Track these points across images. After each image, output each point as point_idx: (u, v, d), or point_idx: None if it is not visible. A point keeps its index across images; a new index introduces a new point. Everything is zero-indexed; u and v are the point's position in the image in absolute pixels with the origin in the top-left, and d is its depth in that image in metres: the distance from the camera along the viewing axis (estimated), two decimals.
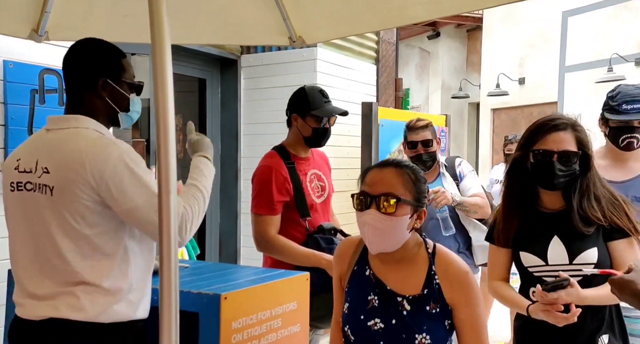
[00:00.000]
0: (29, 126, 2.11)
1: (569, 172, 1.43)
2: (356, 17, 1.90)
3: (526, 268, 1.50)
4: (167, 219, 1.14)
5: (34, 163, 1.31)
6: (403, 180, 1.24)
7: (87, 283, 1.29)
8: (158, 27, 1.10)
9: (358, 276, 1.34)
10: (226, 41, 2.96)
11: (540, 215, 1.51)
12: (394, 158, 1.35)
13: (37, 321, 1.30)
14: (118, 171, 1.26)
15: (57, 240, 1.28)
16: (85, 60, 1.37)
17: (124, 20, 1.88)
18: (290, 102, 2.10)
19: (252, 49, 3.82)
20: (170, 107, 1.11)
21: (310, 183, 2.05)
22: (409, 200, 1.23)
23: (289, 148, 2.08)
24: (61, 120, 1.37)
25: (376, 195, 1.23)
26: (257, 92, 3.79)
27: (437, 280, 1.26)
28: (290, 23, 1.92)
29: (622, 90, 1.87)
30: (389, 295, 1.28)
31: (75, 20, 1.87)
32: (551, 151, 1.43)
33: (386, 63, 4.41)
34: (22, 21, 1.80)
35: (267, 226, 1.94)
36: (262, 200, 1.95)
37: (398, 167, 1.27)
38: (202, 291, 1.45)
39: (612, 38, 8.36)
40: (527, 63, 9.90)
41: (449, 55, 11.66)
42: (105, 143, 1.29)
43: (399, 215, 1.22)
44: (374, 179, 1.26)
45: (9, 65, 2.06)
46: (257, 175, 2.03)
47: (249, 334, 1.50)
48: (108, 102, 1.37)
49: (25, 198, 1.32)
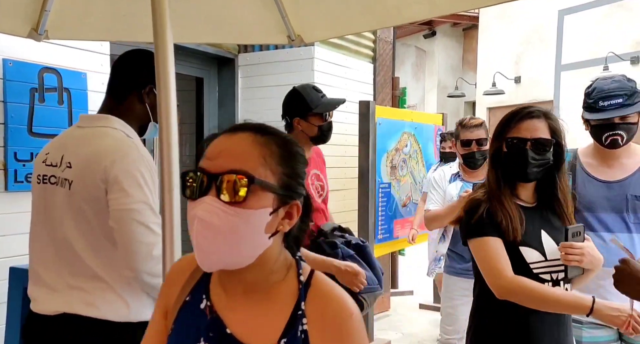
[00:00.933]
0: (29, 125, 2.11)
1: (543, 161, 1.39)
2: (354, 16, 1.91)
3: (528, 264, 1.39)
4: (169, 215, 1.15)
5: (59, 157, 1.34)
6: (263, 152, 0.78)
7: (99, 278, 1.30)
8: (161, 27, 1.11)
9: (189, 311, 0.86)
10: (225, 40, 2.97)
11: (522, 208, 1.44)
12: (256, 122, 0.84)
13: (51, 316, 1.32)
14: (130, 170, 1.27)
15: (70, 234, 1.30)
16: (140, 66, 1.42)
17: (123, 19, 1.89)
18: (288, 106, 2.08)
19: (250, 48, 3.82)
20: (173, 104, 1.12)
21: (311, 184, 2.07)
22: (270, 183, 0.77)
23: None
24: (92, 119, 1.41)
25: (216, 172, 0.76)
26: (255, 91, 3.80)
27: (305, 326, 0.80)
28: (289, 22, 1.93)
29: (597, 86, 1.78)
30: (227, 342, 0.81)
31: (74, 19, 1.88)
32: (524, 138, 1.39)
33: (383, 62, 4.43)
34: (21, 20, 1.80)
35: None
36: None
37: (259, 133, 0.80)
38: None
39: (608, 37, 8.42)
40: (523, 61, 9.95)
41: (445, 54, 11.69)
42: (127, 144, 1.32)
43: (252, 206, 0.75)
44: (217, 149, 0.79)
45: (8, 63, 2.06)
46: None
47: None
48: (147, 109, 1.41)
49: (48, 191, 1.35)
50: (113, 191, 1.27)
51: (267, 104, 3.71)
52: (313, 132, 2.05)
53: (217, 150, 0.79)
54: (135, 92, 1.40)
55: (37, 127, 2.13)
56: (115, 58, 1.50)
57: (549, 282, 1.40)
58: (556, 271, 1.41)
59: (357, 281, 1.90)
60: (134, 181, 1.27)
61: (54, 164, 1.35)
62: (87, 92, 2.32)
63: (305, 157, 0.87)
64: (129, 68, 1.42)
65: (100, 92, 2.39)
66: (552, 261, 1.41)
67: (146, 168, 1.30)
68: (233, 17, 1.98)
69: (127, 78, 1.41)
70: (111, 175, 1.26)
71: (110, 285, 1.30)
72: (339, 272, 1.89)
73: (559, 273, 1.41)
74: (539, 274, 1.39)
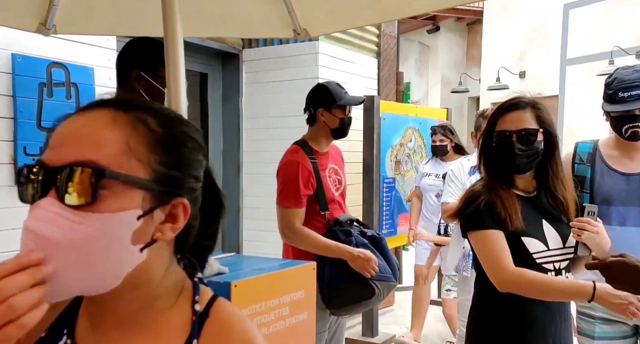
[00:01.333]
0: (38, 119, 2.13)
1: (531, 151, 1.38)
2: (359, 9, 1.91)
3: (532, 254, 1.38)
4: None
5: None
6: (126, 135, 0.57)
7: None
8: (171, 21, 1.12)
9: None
10: (231, 34, 2.98)
11: (521, 198, 1.44)
12: (123, 96, 0.64)
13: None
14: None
15: None
16: (123, 55, 1.44)
17: (130, 14, 1.90)
18: (313, 99, 2.16)
19: (254, 43, 3.83)
20: (183, 97, 1.14)
21: (329, 177, 2.12)
22: (136, 177, 0.56)
23: (311, 143, 2.14)
24: None
25: (56, 165, 0.55)
26: (259, 86, 3.81)
27: None
28: (295, 15, 1.94)
29: (618, 76, 1.72)
30: None
31: (82, 14, 1.89)
32: (509, 131, 1.39)
33: (387, 57, 4.42)
34: (30, 15, 1.81)
35: (293, 218, 2.02)
36: (289, 193, 2.02)
37: (122, 109, 0.59)
38: (213, 279, 1.48)
39: (613, 31, 8.37)
40: (527, 56, 9.90)
41: (449, 49, 11.65)
42: None
43: (107, 209, 0.55)
44: (61, 135, 0.57)
45: (17, 58, 2.08)
46: (283, 169, 2.08)
47: (259, 322, 1.53)
48: (142, 94, 1.40)
49: None
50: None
51: (272, 99, 3.73)
52: (335, 124, 2.12)
53: (60, 135, 0.57)
54: (126, 83, 1.42)
55: (46, 121, 2.15)
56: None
57: (551, 272, 1.39)
58: (559, 261, 1.41)
59: (368, 266, 1.96)
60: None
61: None
62: (95, 86, 2.34)
63: (202, 141, 0.64)
64: (119, 60, 1.44)
65: (107, 87, 2.42)
66: (554, 250, 1.41)
67: None
68: (239, 11, 1.99)
69: (119, 69, 1.43)
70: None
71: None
72: (351, 258, 1.96)
73: (562, 262, 1.42)
74: (542, 264, 1.39)
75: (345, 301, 1.98)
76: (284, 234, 2.07)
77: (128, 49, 1.43)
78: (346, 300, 1.97)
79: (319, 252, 2.01)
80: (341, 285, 1.96)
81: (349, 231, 2.05)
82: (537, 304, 1.38)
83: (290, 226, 2.03)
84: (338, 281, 1.96)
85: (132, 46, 1.44)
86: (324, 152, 2.16)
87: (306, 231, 2.03)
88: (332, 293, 1.97)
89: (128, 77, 1.40)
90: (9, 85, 2.08)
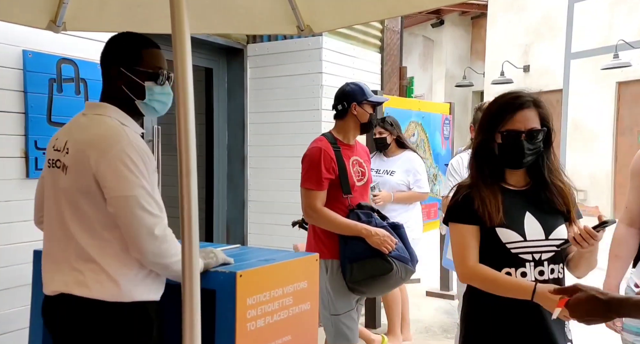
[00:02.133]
0: (48, 114, 2.18)
1: (535, 149, 1.44)
2: (363, 5, 1.94)
3: (504, 244, 1.42)
4: (187, 201, 1.20)
5: (64, 143, 1.41)
6: None
7: (93, 260, 1.35)
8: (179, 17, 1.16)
9: None
10: (236, 30, 3.01)
11: (508, 192, 1.48)
12: None
13: (52, 296, 1.40)
14: (118, 159, 1.32)
15: (67, 217, 1.37)
16: (105, 51, 1.47)
17: (138, 10, 1.94)
18: (345, 94, 2.31)
19: (258, 38, 3.86)
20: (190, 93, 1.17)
21: (352, 167, 2.26)
22: None
23: (337, 135, 2.31)
24: (93, 106, 1.47)
25: None
26: (263, 81, 3.84)
27: None
28: (299, 12, 1.97)
29: None
30: None
31: (91, 11, 1.93)
32: (519, 131, 1.42)
33: (391, 52, 4.45)
34: (40, 12, 1.85)
35: (315, 199, 2.18)
36: (311, 176, 2.19)
37: None
38: (219, 269, 1.53)
39: (618, 24, 8.32)
40: (532, 50, 9.86)
41: (453, 43, 11.61)
42: (118, 132, 1.37)
43: None
44: None
45: (28, 55, 2.13)
46: (307, 155, 2.24)
47: (263, 310, 1.58)
48: (124, 89, 1.44)
49: (55, 174, 1.42)
50: (107, 180, 1.32)
51: (276, 94, 3.76)
52: (365, 119, 2.29)
53: None
54: (109, 79, 1.45)
55: (56, 116, 2.20)
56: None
57: (530, 262, 1.43)
58: (539, 252, 1.43)
59: (385, 243, 2.11)
60: (125, 168, 1.32)
61: (59, 149, 1.42)
62: None
63: None
64: (102, 57, 1.48)
65: None
66: (532, 242, 1.43)
67: (137, 154, 1.34)
68: (243, 8, 2.02)
69: (103, 66, 1.47)
70: (102, 164, 1.32)
71: (102, 267, 1.35)
72: (368, 235, 2.12)
73: (544, 253, 1.44)
74: (518, 254, 1.42)
75: (364, 274, 2.12)
76: (306, 213, 2.23)
77: (108, 46, 1.47)
78: (365, 274, 2.12)
79: (338, 231, 2.17)
80: (361, 259, 2.12)
81: (369, 214, 2.20)
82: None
83: (312, 206, 2.18)
84: (358, 256, 2.12)
85: (111, 43, 1.47)
86: (349, 144, 2.31)
87: (326, 211, 2.18)
88: (352, 267, 2.13)
89: (110, 72, 1.44)
90: (20, 80, 2.13)
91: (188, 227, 1.19)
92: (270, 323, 1.60)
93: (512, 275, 1.43)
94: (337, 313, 2.20)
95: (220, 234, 3.91)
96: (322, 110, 3.62)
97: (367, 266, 2.11)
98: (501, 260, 1.43)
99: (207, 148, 3.89)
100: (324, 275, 2.20)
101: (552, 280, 1.44)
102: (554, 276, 1.44)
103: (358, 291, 2.22)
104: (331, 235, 2.17)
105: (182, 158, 1.20)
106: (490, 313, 1.46)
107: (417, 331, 3.71)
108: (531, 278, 1.42)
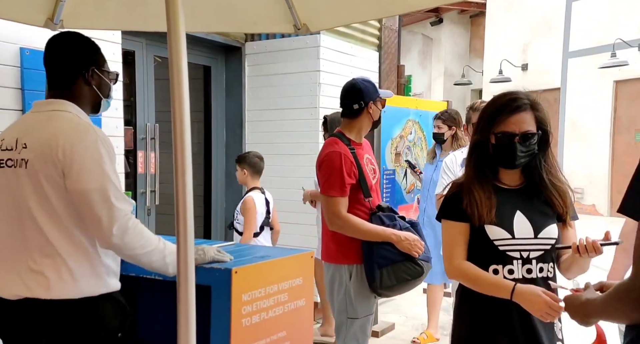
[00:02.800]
0: None
1: (529, 152, 1.45)
2: (360, 4, 1.95)
3: (492, 241, 1.44)
4: (183, 198, 1.22)
5: (14, 141, 1.41)
6: None
7: (58, 254, 1.36)
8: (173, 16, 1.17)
9: None
10: (233, 29, 3.02)
11: (501, 190, 1.50)
12: None
13: (14, 301, 1.38)
14: (89, 151, 1.35)
15: (34, 211, 1.37)
16: (76, 50, 1.48)
17: (136, 9, 1.95)
18: (361, 92, 2.19)
19: (256, 36, 3.87)
20: (185, 91, 1.19)
21: (366, 166, 2.20)
22: None
23: (348, 135, 2.22)
24: (46, 104, 1.48)
25: None
26: (261, 79, 3.85)
27: None
28: (295, 11, 1.98)
29: None
30: None
31: (89, 9, 1.94)
32: (513, 133, 1.43)
33: (388, 50, 4.45)
34: (38, 10, 1.86)
35: (340, 206, 2.09)
36: (334, 183, 2.09)
37: None
38: (214, 265, 1.55)
39: (616, 23, 8.33)
40: (530, 49, 9.87)
41: (452, 41, 11.61)
42: (84, 127, 1.40)
43: None
44: None
45: (25, 52, 2.13)
46: (326, 160, 2.14)
47: (258, 307, 1.59)
48: (94, 89, 1.49)
49: (7, 174, 1.41)
50: (74, 172, 1.33)
51: (274, 92, 3.77)
52: (377, 116, 2.26)
53: None
54: (81, 76, 1.47)
55: None
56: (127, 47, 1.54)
57: (517, 260, 1.44)
58: (527, 250, 1.45)
59: (416, 247, 2.06)
60: (94, 162, 1.34)
61: (10, 148, 1.41)
62: None
63: None
64: (68, 54, 1.48)
65: None
66: (521, 240, 1.45)
67: (105, 148, 1.38)
68: (241, 6, 2.03)
69: (70, 63, 1.47)
70: (70, 157, 1.33)
71: (65, 261, 1.36)
72: (398, 240, 2.05)
73: (532, 252, 1.45)
74: (506, 251, 1.44)
75: (396, 280, 2.05)
76: (330, 222, 2.12)
77: (80, 46, 1.49)
78: (397, 279, 2.05)
79: (366, 237, 2.09)
80: (392, 264, 2.04)
81: (392, 216, 2.14)
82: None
83: (337, 214, 2.09)
84: (388, 261, 2.04)
85: (82, 43, 1.50)
86: (359, 143, 2.25)
87: (352, 217, 2.10)
88: (382, 273, 2.05)
89: (85, 72, 1.47)
90: (17, 78, 2.13)
91: (183, 225, 1.20)
92: (265, 319, 1.62)
93: (499, 272, 1.45)
94: (357, 317, 2.14)
95: (219, 231, 3.92)
96: (319, 108, 3.63)
97: (397, 271, 2.04)
98: (489, 257, 1.46)
99: (205, 146, 3.90)
100: (346, 280, 2.11)
101: (540, 279, 1.45)
102: (542, 275, 1.46)
103: (385, 296, 2.19)
104: (354, 240, 2.10)
105: (177, 157, 1.21)
106: (480, 309, 1.48)
107: (413, 327, 3.73)
108: (518, 276, 1.44)
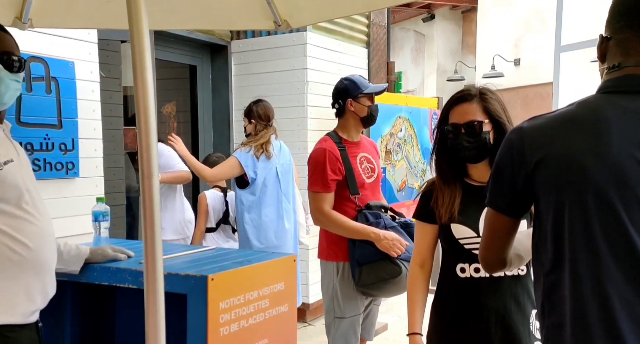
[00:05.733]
0: (17, 114, 2.11)
1: (478, 142, 1.42)
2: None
3: (457, 240, 1.45)
4: (150, 203, 1.16)
5: None
6: None
7: None
8: (135, 12, 1.11)
9: None
10: (211, 26, 2.95)
11: (470, 187, 1.49)
12: None
13: None
14: None
15: None
16: None
17: (108, 6, 1.88)
18: (339, 91, 2.26)
19: (242, 34, 3.80)
20: (150, 90, 1.12)
21: (360, 164, 2.21)
22: None
23: (340, 133, 2.26)
24: None
25: None
26: (248, 78, 3.79)
27: None
28: (275, 6, 1.92)
29: None
30: None
31: (59, 7, 1.87)
32: (457, 124, 1.44)
33: (377, 47, 4.40)
34: (5, 8, 1.79)
35: (322, 202, 2.13)
36: (317, 179, 2.14)
37: None
38: (190, 273, 1.49)
39: None
40: (522, 43, 9.85)
41: (444, 37, 11.58)
42: None
43: None
44: None
45: None
46: (312, 157, 2.19)
47: (237, 314, 1.54)
48: None
49: None
50: None
51: (261, 91, 3.70)
52: (363, 113, 2.23)
53: None
54: None
55: (26, 116, 2.13)
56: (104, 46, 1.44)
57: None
58: None
59: (394, 246, 2.06)
60: None
61: None
62: (76, 80, 2.31)
63: None
64: None
65: (89, 81, 2.40)
66: None
67: None
68: (219, 2, 1.97)
69: None
70: None
71: None
72: (377, 239, 2.06)
73: None
74: (471, 249, 1.44)
75: (373, 278, 2.07)
76: (314, 217, 2.18)
77: None
78: (375, 277, 2.07)
79: (347, 234, 2.12)
80: (369, 262, 2.07)
81: (378, 214, 2.14)
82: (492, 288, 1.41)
83: (320, 210, 2.13)
84: (366, 258, 2.07)
85: None
86: (354, 141, 2.26)
87: (334, 214, 2.13)
88: (362, 271, 2.08)
89: None
90: None
91: (150, 229, 1.15)
92: (245, 327, 1.56)
93: (466, 270, 1.45)
94: (344, 316, 2.15)
95: None
96: (307, 106, 3.57)
97: (376, 270, 2.07)
98: (456, 255, 1.46)
99: (192, 146, 3.84)
100: (334, 277, 2.15)
101: (510, 277, 1.43)
102: (513, 273, 1.43)
103: (369, 294, 2.18)
104: (342, 237, 2.13)
105: (143, 160, 1.16)
106: (453, 308, 1.48)
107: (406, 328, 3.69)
108: (485, 274, 1.43)
